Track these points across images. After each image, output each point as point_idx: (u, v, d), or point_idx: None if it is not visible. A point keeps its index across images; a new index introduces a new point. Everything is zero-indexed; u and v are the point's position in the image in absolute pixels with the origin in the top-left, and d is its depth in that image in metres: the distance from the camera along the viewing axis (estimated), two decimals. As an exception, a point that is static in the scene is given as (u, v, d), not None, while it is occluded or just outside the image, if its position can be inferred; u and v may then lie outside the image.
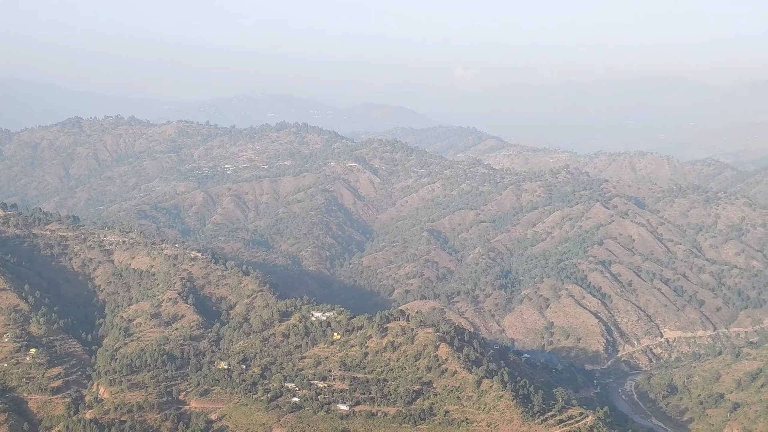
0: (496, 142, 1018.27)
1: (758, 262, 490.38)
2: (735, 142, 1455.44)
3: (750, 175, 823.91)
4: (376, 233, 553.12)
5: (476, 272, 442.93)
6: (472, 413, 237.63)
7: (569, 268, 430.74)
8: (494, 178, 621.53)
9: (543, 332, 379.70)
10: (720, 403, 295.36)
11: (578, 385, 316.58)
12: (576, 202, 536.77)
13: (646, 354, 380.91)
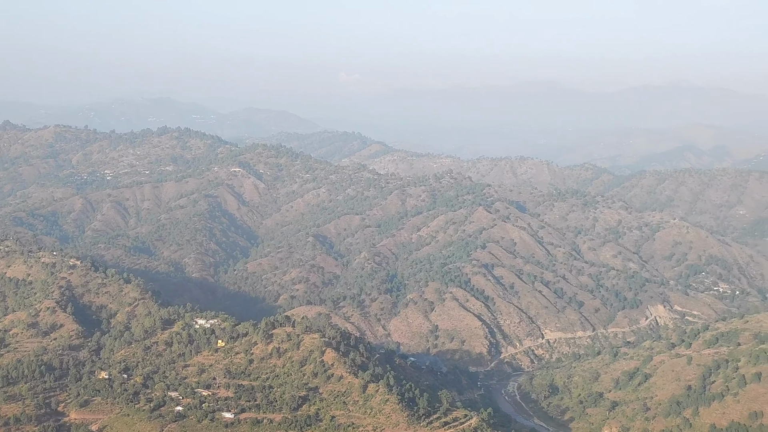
0: (380, 147, 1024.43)
1: (634, 264, 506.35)
2: (611, 147, 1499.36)
3: (626, 179, 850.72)
4: (261, 239, 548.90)
5: (362, 277, 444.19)
6: (359, 418, 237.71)
7: (453, 271, 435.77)
8: (379, 183, 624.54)
9: (428, 335, 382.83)
10: (599, 402, 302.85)
11: (463, 387, 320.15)
12: (459, 207, 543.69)
13: (528, 355, 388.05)
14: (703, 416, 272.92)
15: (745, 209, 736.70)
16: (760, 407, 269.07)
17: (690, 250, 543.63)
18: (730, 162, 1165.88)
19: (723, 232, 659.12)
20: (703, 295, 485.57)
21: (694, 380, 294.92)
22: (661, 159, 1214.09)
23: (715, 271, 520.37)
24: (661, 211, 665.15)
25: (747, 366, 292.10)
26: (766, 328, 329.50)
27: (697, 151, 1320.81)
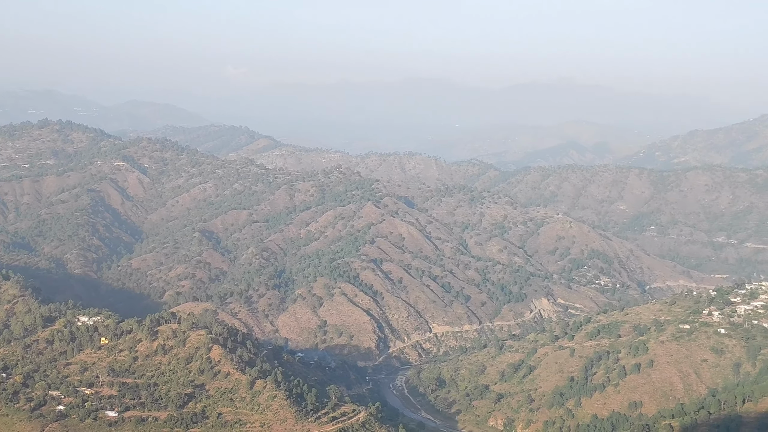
0: (268, 142, 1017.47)
1: (519, 258, 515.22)
2: (497, 144, 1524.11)
3: (511, 175, 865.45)
4: (146, 234, 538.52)
5: (249, 272, 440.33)
6: (246, 414, 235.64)
7: (342, 266, 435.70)
8: (267, 177, 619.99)
9: (317, 331, 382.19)
10: (485, 394, 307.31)
11: (351, 382, 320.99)
12: (348, 202, 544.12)
13: (416, 349, 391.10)
14: (585, 407, 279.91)
15: (626, 204, 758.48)
16: (639, 397, 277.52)
17: (573, 245, 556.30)
18: (611, 159, 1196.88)
19: (604, 226, 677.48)
20: (586, 288, 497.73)
21: (576, 372, 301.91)
22: (546, 155, 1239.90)
23: (597, 264, 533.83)
24: (545, 207, 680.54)
25: (627, 357, 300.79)
26: (645, 320, 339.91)
27: (580, 147, 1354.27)
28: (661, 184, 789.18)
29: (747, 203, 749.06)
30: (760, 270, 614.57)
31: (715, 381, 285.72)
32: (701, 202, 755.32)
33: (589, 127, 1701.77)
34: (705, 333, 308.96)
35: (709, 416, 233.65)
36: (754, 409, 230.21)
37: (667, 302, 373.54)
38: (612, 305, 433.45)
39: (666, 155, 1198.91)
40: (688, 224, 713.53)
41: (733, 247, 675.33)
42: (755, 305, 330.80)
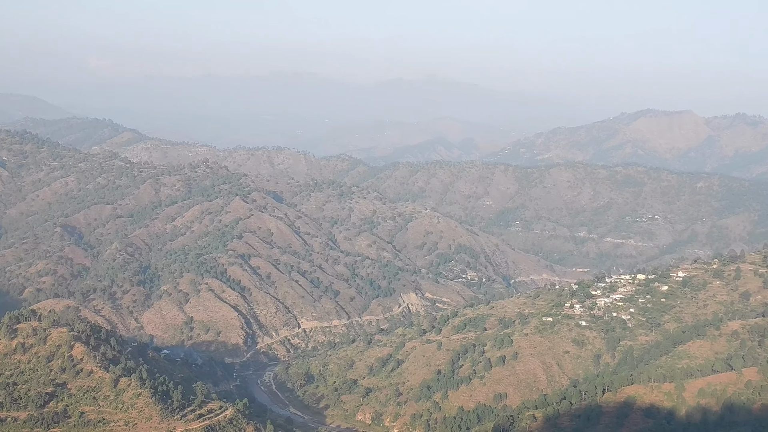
0: (133, 135, 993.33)
1: (388, 253, 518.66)
2: (366, 139, 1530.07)
3: (380, 170, 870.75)
4: (5, 230, 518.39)
5: (113, 268, 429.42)
6: (110, 413, 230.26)
7: (209, 262, 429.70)
8: (132, 171, 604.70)
9: (183, 327, 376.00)
10: (354, 388, 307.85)
11: (218, 378, 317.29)
12: (216, 197, 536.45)
13: (284, 345, 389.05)
14: (451, 399, 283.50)
15: (491, 200, 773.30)
16: (504, 389, 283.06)
17: (440, 240, 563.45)
18: (477, 155, 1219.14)
19: (471, 221, 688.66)
20: (453, 282, 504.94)
21: (443, 365, 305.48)
22: (414, 151, 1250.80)
23: (464, 259, 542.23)
24: (413, 202, 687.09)
25: (492, 350, 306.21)
26: (510, 313, 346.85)
27: (448, 144, 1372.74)
28: (526, 180, 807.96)
29: (607, 199, 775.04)
30: (619, 264, 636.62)
31: (576, 372, 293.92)
32: (564, 198, 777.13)
33: (455, 123, 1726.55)
34: (567, 325, 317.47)
35: (571, 406, 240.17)
36: (613, 399, 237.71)
37: (531, 296, 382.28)
38: (478, 299, 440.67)
39: (530, 152, 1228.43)
40: (551, 219, 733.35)
41: (593, 242, 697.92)
42: (614, 298, 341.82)
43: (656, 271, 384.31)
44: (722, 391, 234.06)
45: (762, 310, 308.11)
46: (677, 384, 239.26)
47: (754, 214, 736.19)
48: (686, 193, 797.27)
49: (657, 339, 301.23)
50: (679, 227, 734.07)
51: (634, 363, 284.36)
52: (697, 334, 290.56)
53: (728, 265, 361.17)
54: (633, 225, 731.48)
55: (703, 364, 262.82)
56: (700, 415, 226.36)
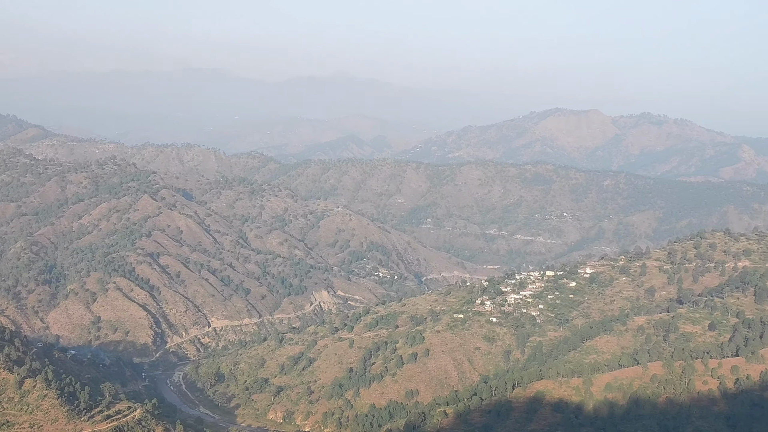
0: (38, 131, 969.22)
1: (300, 251, 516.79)
2: (277, 136, 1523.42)
3: (292, 167, 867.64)
4: None
5: (18, 267, 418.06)
6: (14, 415, 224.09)
7: (117, 260, 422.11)
8: (37, 168, 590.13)
9: (90, 327, 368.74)
10: (265, 387, 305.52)
11: (126, 378, 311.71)
12: (124, 194, 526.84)
13: (194, 344, 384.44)
14: (363, 397, 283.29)
15: (403, 198, 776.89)
16: (416, 386, 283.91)
17: (352, 237, 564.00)
18: (389, 152, 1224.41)
19: (383, 219, 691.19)
20: (365, 280, 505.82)
21: (355, 362, 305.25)
22: (326, 149, 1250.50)
23: (376, 257, 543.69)
24: (325, 200, 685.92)
25: (404, 347, 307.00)
26: (421, 310, 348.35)
27: (359, 141, 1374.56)
28: (437, 178, 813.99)
29: (517, 197, 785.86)
30: (529, 261, 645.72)
31: (487, 368, 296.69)
32: (474, 196, 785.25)
33: (367, 121, 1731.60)
34: (478, 322, 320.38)
35: (482, 402, 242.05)
36: (522, 395, 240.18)
37: (442, 293, 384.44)
38: (390, 296, 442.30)
39: (441, 150, 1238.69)
40: (462, 217, 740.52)
41: (504, 239, 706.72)
42: (524, 294, 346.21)
43: (565, 267, 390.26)
44: (628, 385, 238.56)
45: (666, 305, 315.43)
46: (585, 379, 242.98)
47: (658, 211, 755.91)
48: (593, 190, 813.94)
49: (565, 335, 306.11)
50: (586, 224, 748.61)
51: (543, 358, 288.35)
52: (605, 329, 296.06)
53: (634, 261, 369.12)
54: (542, 222, 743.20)
55: (610, 359, 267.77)
56: (607, 409, 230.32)
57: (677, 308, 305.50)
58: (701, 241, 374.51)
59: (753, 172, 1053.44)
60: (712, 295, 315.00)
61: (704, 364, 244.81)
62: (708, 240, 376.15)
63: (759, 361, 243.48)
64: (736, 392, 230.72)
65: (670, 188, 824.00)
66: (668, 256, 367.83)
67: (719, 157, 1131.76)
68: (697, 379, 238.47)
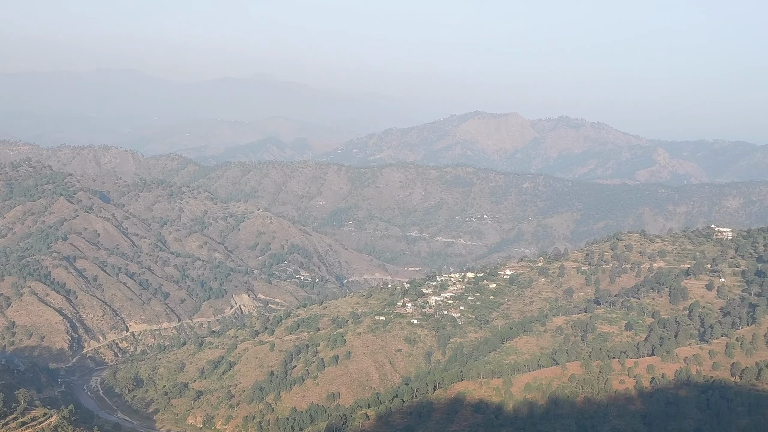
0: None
1: (220, 254, 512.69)
2: (197, 138, 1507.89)
3: (212, 170, 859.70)
4: None
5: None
6: None
7: (32, 264, 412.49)
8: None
9: (4, 332, 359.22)
10: (184, 392, 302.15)
11: (42, 384, 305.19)
12: (39, 197, 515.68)
13: (112, 349, 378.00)
14: (284, 400, 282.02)
15: (324, 200, 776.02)
16: (337, 388, 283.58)
17: (273, 240, 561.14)
18: (310, 155, 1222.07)
19: (304, 221, 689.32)
20: (286, 283, 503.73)
21: (276, 366, 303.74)
22: (246, 151, 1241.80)
23: (297, 259, 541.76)
24: (245, 202, 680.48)
25: (325, 350, 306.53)
26: (343, 313, 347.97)
27: (280, 143, 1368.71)
28: (359, 180, 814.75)
29: (438, 199, 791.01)
30: (450, 262, 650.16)
31: (408, 370, 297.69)
32: (396, 198, 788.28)
33: (288, 123, 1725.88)
34: (399, 324, 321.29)
35: (403, 404, 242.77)
36: (443, 396, 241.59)
37: (363, 295, 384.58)
38: (311, 299, 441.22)
39: (363, 152, 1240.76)
40: (383, 219, 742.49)
41: (425, 241, 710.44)
42: (445, 296, 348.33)
43: (485, 269, 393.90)
44: (547, 385, 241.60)
45: (584, 306, 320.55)
46: (505, 379, 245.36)
47: (576, 213, 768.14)
48: (513, 193, 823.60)
49: (486, 336, 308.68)
50: (506, 226, 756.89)
51: (464, 359, 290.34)
52: (524, 330, 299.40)
53: (553, 262, 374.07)
54: (463, 224, 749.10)
55: (529, 359, 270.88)
56: (527, 409, 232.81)
57: (595, 309, 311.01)
58: (618, 243, 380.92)
59: (668, 174, 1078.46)
60: (628, 295, 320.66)
61: (621, 364, 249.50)
62: (624, 241, 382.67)
63: (674, 360, 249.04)
64: (651, 391, 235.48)
65: (588, 190, 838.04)
66: (586, 257, 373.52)
67: (635, 159, 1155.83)
68: (614, 378, 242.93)
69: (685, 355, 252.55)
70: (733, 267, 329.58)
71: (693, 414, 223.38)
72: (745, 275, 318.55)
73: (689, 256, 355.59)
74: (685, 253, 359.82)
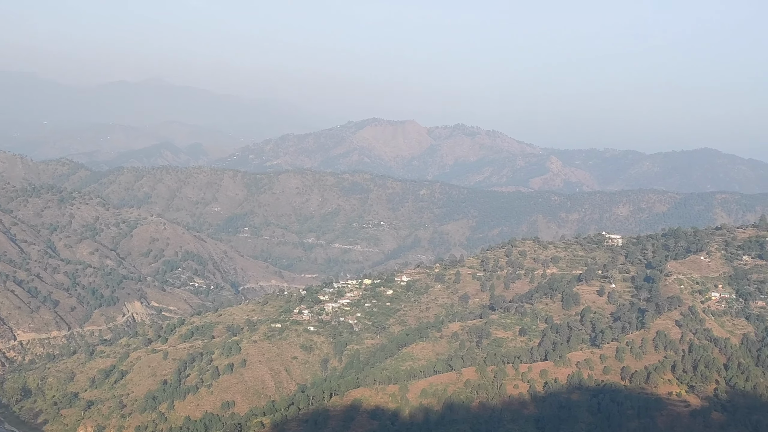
0: None
1: (112, 261, 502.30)
2: (88, 143, 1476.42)
3: (104, 175, 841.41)
4: None
5: None
6: None
7: None
8: None
9: None
10: (75, 402, 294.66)
11: None
12: None
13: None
14: (178, 409, 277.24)
15: (220, 206, 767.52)
16: (232, 396, 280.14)
17: (167, 247, 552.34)
18: (205, 160, 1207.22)
19: (199, 228, 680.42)
20: (180, 290, 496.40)
21: (169, 374, 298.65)
22: (140, 156, 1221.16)
23: (191, 266, 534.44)
24: (139, 208, 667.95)
25: (220, 358, 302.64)
26: (238, 320, 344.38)
27: (174, 149, 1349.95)
28: (255, 186, 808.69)
29: (335, 206, 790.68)
30: (347, 269, 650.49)
31: (304, 377, 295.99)
32: (293, 204, 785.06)
33: (182, 128, 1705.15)
34: (296, 331, 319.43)
35: (299, 412, 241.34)
36: (340, 403, 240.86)
37: (259, 302, 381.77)
38: (206, 306, 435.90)
39: (259, 158, 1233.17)
40: (280, 226, 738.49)
41: (322, 248, 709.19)
42: (342, 303, 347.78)
43: (382, 276, 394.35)
44: (443, 390, 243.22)
45: (479, 311, 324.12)
46: (401, 385, 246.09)
47: (472, 220, 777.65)
48: (410, 199, 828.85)
49: (382, 342, 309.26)
50: (403, 233, 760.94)
51: (360, 366, 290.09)
52: (420, 336, 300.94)
53: (449, 269, 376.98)
54: (360, 231, 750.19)
55: (425, 365, 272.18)
56: (422, 414, 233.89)
57: (490, 314, 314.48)
58: (512, 249, 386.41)
59: (560, 182, 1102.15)
60: (522, 301, 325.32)
61: (515, 369, 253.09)
62: (518, 248, 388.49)
63: (566, 365, 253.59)
64: (544, 395, 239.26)
65: (483, 198, 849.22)
66: (481, 263, 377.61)
67: (529, 167, 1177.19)
68: (509, 383, 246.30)
69: (577, 359, 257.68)
70: (623, 273, 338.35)
71: (585, 418, 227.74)
72: (634, 281, 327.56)
73: (581, 262, 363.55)
74: (577, 260, 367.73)
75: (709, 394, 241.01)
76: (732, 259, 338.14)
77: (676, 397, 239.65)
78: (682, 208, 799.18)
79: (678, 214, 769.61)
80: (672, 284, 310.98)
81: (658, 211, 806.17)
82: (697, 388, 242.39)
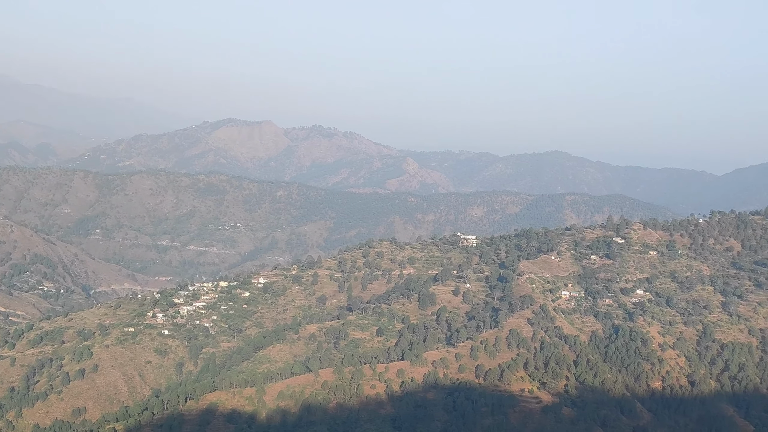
0: None
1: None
2: None
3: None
4: None
5: None
6: None
7: None
8: None
9: None
10: None
11: None
12: None
13: None
14: (26, 417, 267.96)
15: (70, 208, 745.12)
16: (83, 403, 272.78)
17: (14, 250, 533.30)
18: (55, 161, 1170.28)
19: (48, 230, 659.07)
20: (28, 294, 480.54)
21: (17, 381, 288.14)
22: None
23: (40, 270, 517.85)
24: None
25: (71, 363, 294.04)
26: (89, 324, 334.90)
27: (22, 148, 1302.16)
28: (107, 187, 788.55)
29: (190, 207, 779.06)
30: (203, 271, 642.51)
31: (159, 382, 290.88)
32: (146, 206, 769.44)
33: (30, 127, 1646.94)
34: (149, 335, 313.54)
35: (153, 417, 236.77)
36: (195, 407, 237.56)
37: (112, 306, 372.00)
38: (56, 311, 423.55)
39: (111, 159, 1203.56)
40: (133, 228, 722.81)
41: (176, 250, 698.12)
42: (197, 306, 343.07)
43: (238, 278, 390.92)
44: (300, 392, 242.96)
45: (337, 313, 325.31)
46: (258, 388, 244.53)
47: (329, 221, 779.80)
48: (267, 201, 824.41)
49: (239, 345, 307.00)
50: (260, 234, 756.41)
51: (216, 370, 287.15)
52: (278, 338, 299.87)
53: (306, 270, 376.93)
54: (216, 233, 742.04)
55: (282, 367, 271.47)
56: (280, 417, 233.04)
57: (347, 315, 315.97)
58: (369, 250, 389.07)
59: (417, 183, 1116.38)
60: (379, 301, 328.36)
61: (372, 369, 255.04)
62: (376, 249, 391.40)
63: (422, 364, 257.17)
64: (401, 394, 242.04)
65: (341, 199, 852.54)
66: (339, 264, 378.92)
67: (386, 169, 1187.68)
68: (366, 383, 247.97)
69: (433, 358, 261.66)
70: (477, 273, 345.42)
71: (440, 416, 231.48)
72: (488, 281, 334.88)
73: (437, 262, 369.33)
74: (433, 260, 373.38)
75: (559, 391, 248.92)
76: (581, 259, 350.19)
77: (528, 393, 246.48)
78: (533, 209, 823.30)
79: (530, 215, 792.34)
80: (524, 284, 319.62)
81: (510, 212, 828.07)
82: (548, 384, 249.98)
